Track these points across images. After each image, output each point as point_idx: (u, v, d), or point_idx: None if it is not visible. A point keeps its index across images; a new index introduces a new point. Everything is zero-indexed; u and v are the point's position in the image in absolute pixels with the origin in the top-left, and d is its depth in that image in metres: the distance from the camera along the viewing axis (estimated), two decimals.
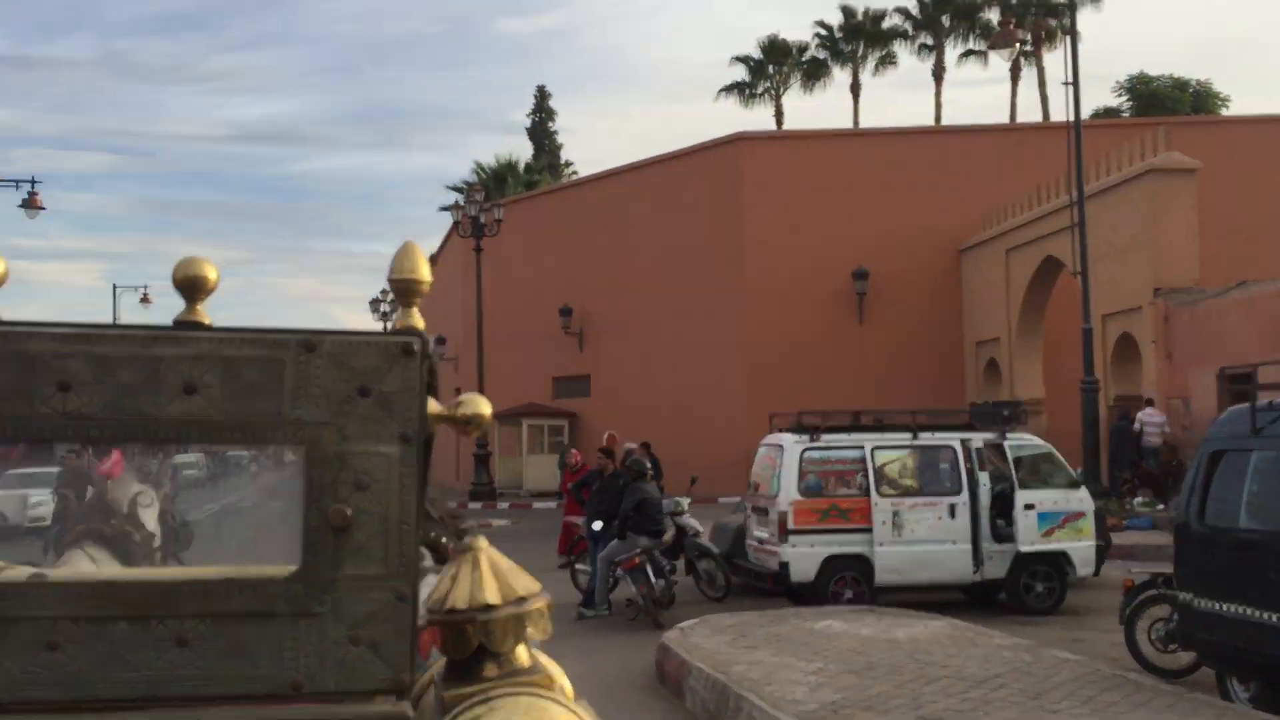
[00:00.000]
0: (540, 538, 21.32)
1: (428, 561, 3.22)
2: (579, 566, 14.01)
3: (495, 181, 50.02)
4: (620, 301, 34.84)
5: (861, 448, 12.42)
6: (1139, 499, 21.06)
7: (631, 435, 32.82)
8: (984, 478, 12.40)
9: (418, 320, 1.94)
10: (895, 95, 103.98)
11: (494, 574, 1.93)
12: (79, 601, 1.74)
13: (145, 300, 46.72)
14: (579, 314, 35.84)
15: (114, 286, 44.96)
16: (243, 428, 1.78)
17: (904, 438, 12.59)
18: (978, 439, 12.58)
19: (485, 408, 2.02)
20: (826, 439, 12.53)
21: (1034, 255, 27.61)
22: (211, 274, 1.88)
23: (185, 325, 1.83)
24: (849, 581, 12.19)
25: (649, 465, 16.75)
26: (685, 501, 14.73)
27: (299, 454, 1.79)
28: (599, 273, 35.57)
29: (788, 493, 12.22)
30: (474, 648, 1.85)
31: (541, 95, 63.72)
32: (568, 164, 61.72)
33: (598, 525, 12.91)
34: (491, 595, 1.87)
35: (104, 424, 1.75)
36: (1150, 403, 22.21)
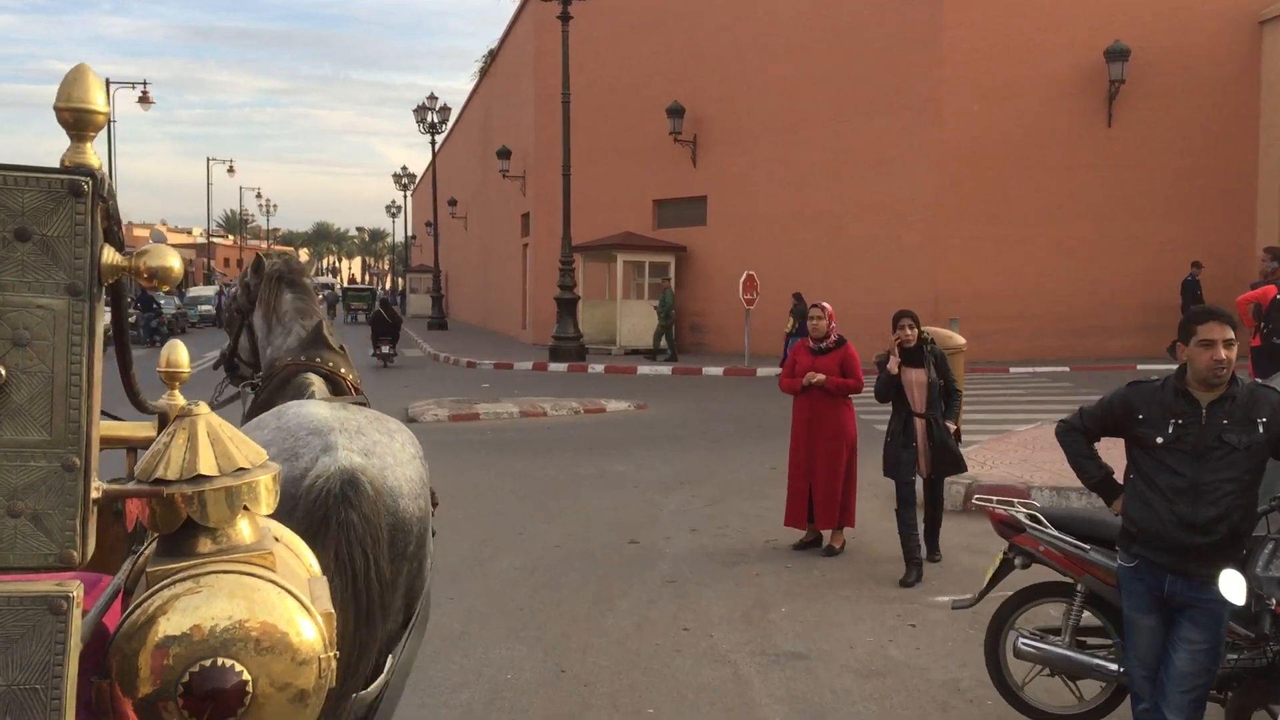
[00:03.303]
0: (712, 445, 12.10)
1: (319, 390, 3.47)
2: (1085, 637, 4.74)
3: None
4: (752, 98, 24.80)
5: None
6: None
7: (767, 280, 23.42)
8: None
9: (91, 157, 1.54)
10: None
11: (211, 442, 1.69)
12: None
13: (145, 100, 37.21)
14: (693, 116, 25.87)
15: (107, 82, 35.43)
16: None
17: None
18: None
19: (172, 259, 1.63)
20: None
21: None
22: None
23: None
24: None
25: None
26: None
27: None
28: (723, 59, 25.43)
29: None
30: (183, 521, 1.64)
31: None
32: None
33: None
34: (206, 466, 1.66)
35: None
36: None
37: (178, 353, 2.56)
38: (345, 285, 66.47)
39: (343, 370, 3.66)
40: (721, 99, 25.44)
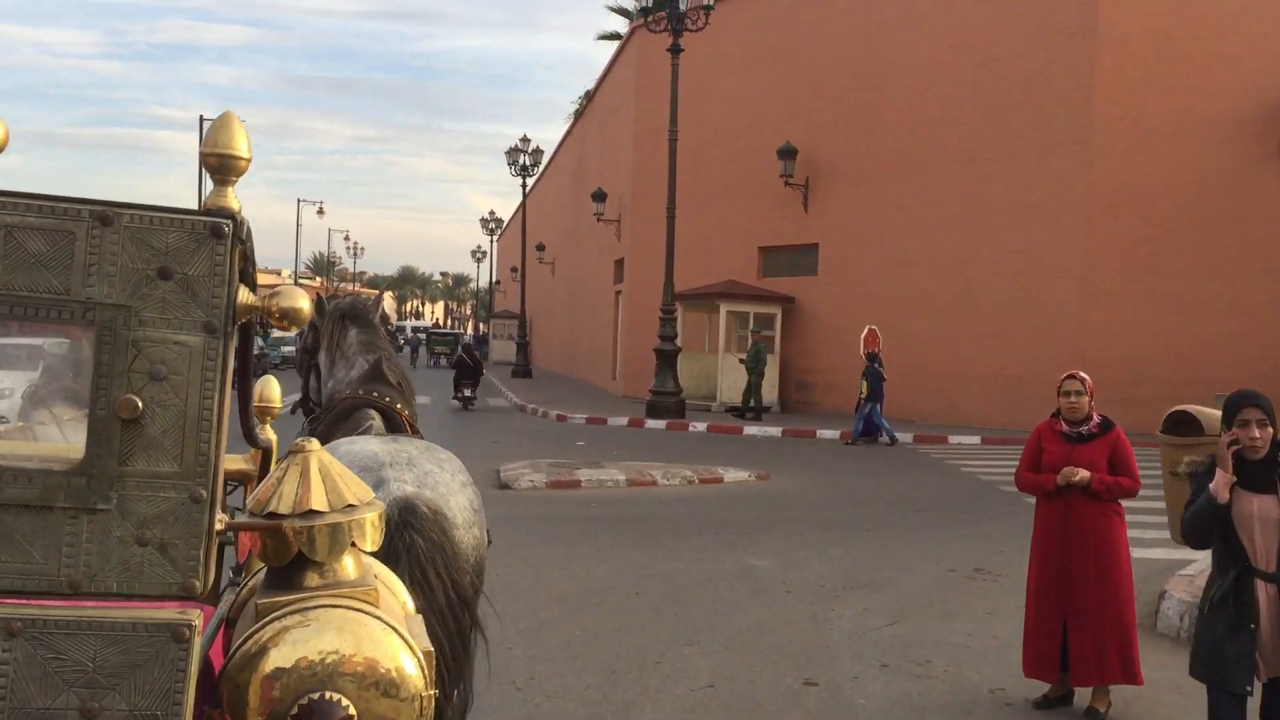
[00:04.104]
0: (865, 533, 9.96)
1: (377, 426, 3.46)
2: None
3: None
4: (875, 138, 22.86)
5: None
6: None
7: (886, 335, 21.29)
8: None
9: (232, 201, 1.61)
10: None
11: (322, 479, 1.72)
12: None
13: None
14: (806, 158, 23.99)
15: (200, 118, 34.94)
16: (24, 303, 1.54)
17: None
18: None
19: (302, 301, 1.70)
20: None
21: None
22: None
23: None
24: None
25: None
26: None
27: (88, 337, 1.55)
28: (843, 96, 23.57)
29: None
30: (294, 555, 1.67)
31: None
32: None
33: None
34: (317, 501, 1.69)
35: None
36: None
37: (270, 388, 2.67)
38: (430, 329, 65.89)
39: (399, 406, 3.57)
40: (838, 139, 23.54)
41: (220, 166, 1.59)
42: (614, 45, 37.23)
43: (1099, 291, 19.40)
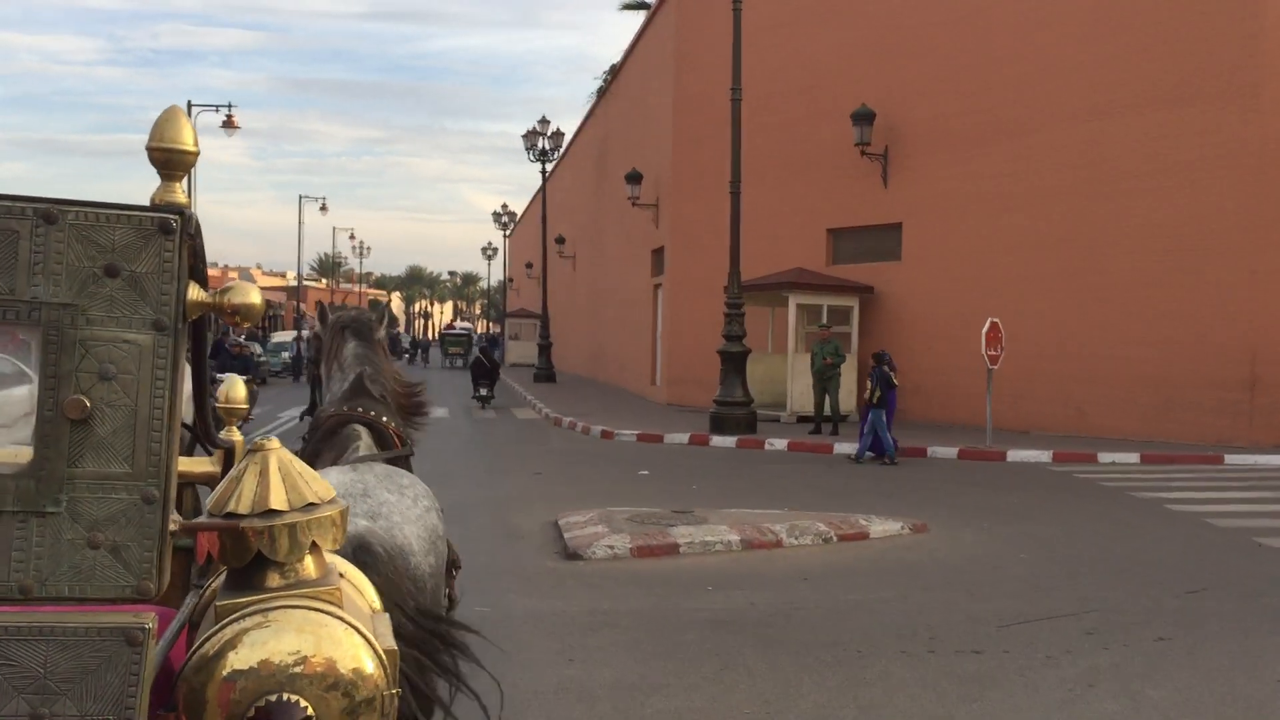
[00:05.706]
0: (1160, 641, 5.82)
1: (365, 442, 3.28)
2: None
3: None
4: (971, 95, 19.14)
5: None
6: None
7: (972, 327, 17.52)
8: None
9: (180, 196, 1.55)
10: None
11: (282, 477, 1.64)
12: None
13: (230, 125, 33.13)
14: (886, 123, 20.26)
15: (189, 103, 31.36)
16: None
17: None
18: None
19: (254, 296, 1.63)
20: None
21: None
22: None
23: None
24: None
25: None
26: None
27: (34, 337, 1.49)
28: (931, 48, 19.84)
29: None
30: (254, 555, 1.60)
31: None
32: None
33: None
34: (277, 500, 1.61)
35: None
36: None
37: (237, 389, 2.49)
38: (443, 331, 62.44)
39: (385, 420, 3.42)
40: (924, 99, 19.82)
41: (167, 161, 1.54)
42: (639, 17, 33.60)
43: (1271, 271, 15.69)
